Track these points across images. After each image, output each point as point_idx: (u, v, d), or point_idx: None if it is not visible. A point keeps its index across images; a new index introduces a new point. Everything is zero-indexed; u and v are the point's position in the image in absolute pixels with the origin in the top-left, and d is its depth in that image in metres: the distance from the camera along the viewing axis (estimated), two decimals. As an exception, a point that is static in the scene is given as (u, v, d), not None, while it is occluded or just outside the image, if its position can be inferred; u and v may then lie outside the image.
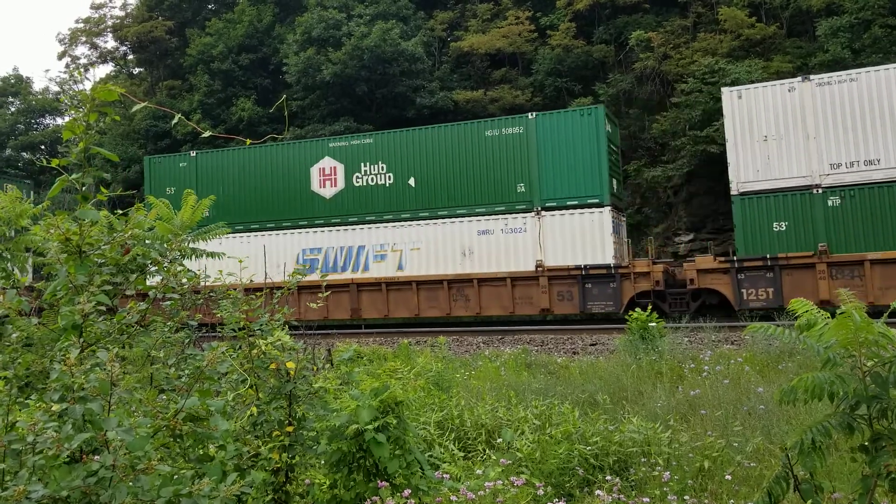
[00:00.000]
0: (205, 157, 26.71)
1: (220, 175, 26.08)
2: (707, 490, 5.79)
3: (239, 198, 25.65)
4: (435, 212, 23.36)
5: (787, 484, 4.10)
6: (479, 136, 23.16)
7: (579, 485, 5.93)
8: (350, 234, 24.34)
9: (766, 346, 12.00)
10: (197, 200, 23.94)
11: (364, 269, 24.04)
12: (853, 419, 3.96)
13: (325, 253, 24.50)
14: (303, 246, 24.72)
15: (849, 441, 4.24)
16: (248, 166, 25.83)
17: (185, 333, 4.69)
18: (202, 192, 24.72)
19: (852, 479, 5.11)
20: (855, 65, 27.64)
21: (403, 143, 24.20)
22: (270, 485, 4.41)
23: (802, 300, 4.38)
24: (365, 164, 24.43)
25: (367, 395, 5.06)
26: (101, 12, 51.48)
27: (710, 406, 8.03)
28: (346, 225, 24.33)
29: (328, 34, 36.17)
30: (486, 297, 22.22)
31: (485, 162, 22.94)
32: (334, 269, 24.21)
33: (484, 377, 10.92)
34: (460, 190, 23.17)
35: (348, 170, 24.56)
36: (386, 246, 23.79)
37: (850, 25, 28.50)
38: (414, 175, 23.82)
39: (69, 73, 56.71)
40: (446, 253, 22.98)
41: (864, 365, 3.94)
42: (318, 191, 24.97)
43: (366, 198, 24.37)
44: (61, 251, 3.95)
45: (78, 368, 3.11)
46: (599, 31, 36.40)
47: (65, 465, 3.00)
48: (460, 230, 22.88)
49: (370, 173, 24.37)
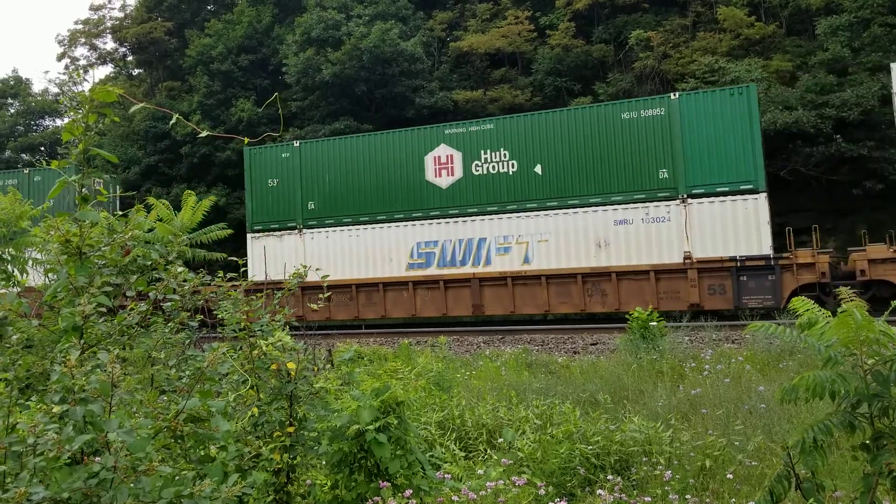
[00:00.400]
0: (308, 147, 25.43)
1: (325, 165, 24.82)
2: (709, 489, 5.78)
3: (346, 189, 24.46)
4: (564, 201, 21.77)
5: (788, 483, 4.10)
6: (614, 118, 21.60)
7: (581, 484, 5.93)
8: (470, 226, 22.88)
9: (767, 345, 12.00)
10: (302, 192, 24.28)
11: (486, 262, 22.56)
12: (854, 417, 3.96)
13: (443, 246, 23.06)
14: (417, 239, 23.38)
15: (850, 439, 4.23)
16: (356, 156, 24.57)
17: (185, 334, 4.69)
18: (305, 183, 24.55)
19: (854, 478, 5.10)
20: (855, 64, 27.68)
21: (528, 127, 22.64)
22: (272, 485, 4.41)
23: (803, 299, 4.38)
24: (485, 152, 22.92)
25: (368, 396, 5.06)
26: (101, 14, 51.46)
27: (711, 405, 8.02)
28: (465, 216, 22.91)
29: (327, 35, 36.15)
30: (626, 292, 20.69)
31: (621, 147, 21.36)
32: (452, 263, 22.88)
33: (485, 377, 10.92)
34: (593, 177, 21.62)
35: (466, 158, 23.07)
36: (510, 238, 22.29)
37: (850, 24, 28.50)
38: (541, 162, 22.25)
39: (68, 75, 56.71)
40: (578, 245, 21.49)
41: (865, 363, 3.94)
42: (434, 180, 23.51)
43: (487, 187, 22.87)
44: (61, 252, 3.95)
45: (78, 370, 3.11)
46: (599, 31, 36.41)
47: (66, 467, 3.00)
48: (594, 220, 21.38)
49: (491, 161, 22.87)
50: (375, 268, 23.69)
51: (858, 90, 26.20)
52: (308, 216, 24.60)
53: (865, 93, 25.91)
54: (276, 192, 25.01)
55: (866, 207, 27.89)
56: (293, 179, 24.90)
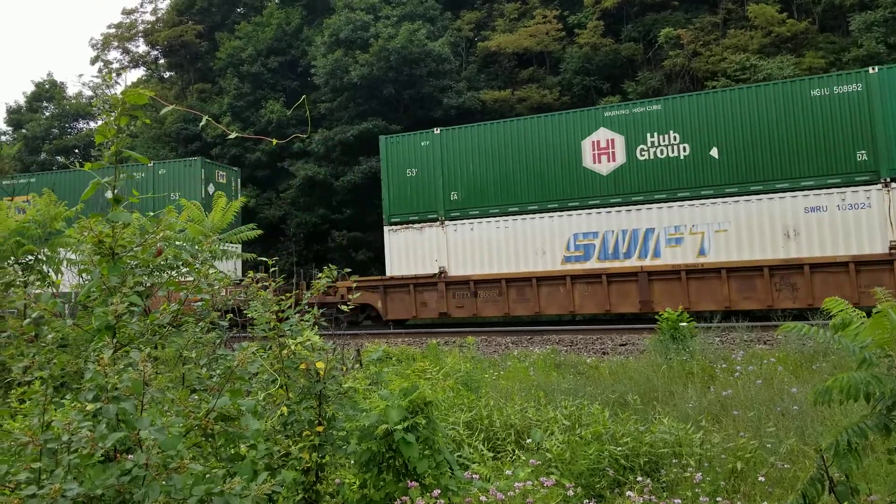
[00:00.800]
0: (450, 135, 24.01)
1: (469, 153, 23.48)
2: (740, 492, 5.72)
3: (493, 178, 23.05)
4: (746, 187, 20.12)
5: (822, 486, 4.04)
6: (801, 96, 19.94)
7: (609, 486, 5.89)
8: (634, 216, 21.21)
9: (800, 346, 11.83)
10: (443, 181, 23.51)
11: (654, 254, 20.87)
12: (890, 420, 3.89)
13: (603, 237, 21.43)
14: (574, 230, 21.79)
15: (885, 442, 4.17)
16: (504, 142, 23.11)
17: (216, 334, 4.74)
18: (447, 172, 23.46)
19: (889, 481, 5.02)
20: (890, 60, 27.21)
21: (702, 108, 20.96)
22: (301, 484, 4.44)
23: (837, 299, 4.31)
24: (651, 135, 21.24)
25: (396, 396, 5.07)
26: (133, 17, 52.24)
27: (742, 406, 7.93)
28: (629, 205, 21.26)
29: (356, 36, 36.32)
30: (821, 286, 18.90)
31: (811, 127, 19.73)
32: (615, 256, 21.25)
33: (513, 377, 10.89)
34: (779, 161, 19.96)
35: (630, 142, 21.45)
36: (682, 228, 20.60)
37: (885, 20, 28.04)
38: (717, 145, 20.57)
39: (102, 78, 57.57)
40: (763, 234, 19.85)
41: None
42: (592, 167, 21.91)
43: (653, 173, 21.18)
44: (94, 253, 4.00)
45: (111, 368, 3.15)
46: (628, 29, 36.18)
47: (99, 464, 3.05)
48: (781, 207, 19.72)
49: (658, 144, 21.14)
50: (527, 261, 22.26)
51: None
52: (451, 207, 23.43)
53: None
54: (416, 182, 23.98)
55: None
56: (434, 168, 23.77)
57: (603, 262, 21.36)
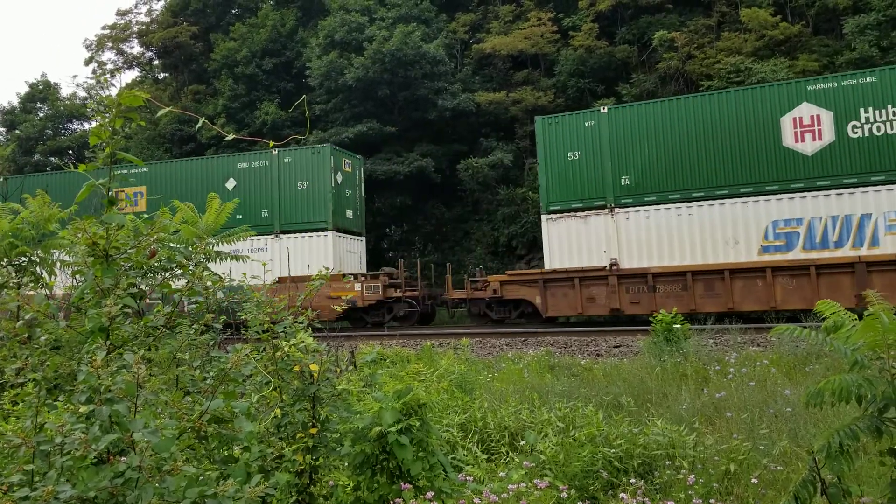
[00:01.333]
0: (620, 113, 22.26)
1: (643, 133, 21.71)
2: (733, 494, 5.73)
3: (671, 160, 21.22)
4: None
5: (813, 488, 4.06)
6: None
7: (603, 488, 5.90)
8: (847, 200, 19.31)
9: (793, 348, 11.87)
10: (612, 165, 21.81)
11: (871, 243, 19.02)
12: (882, 422, 3.91)
13: (809, 224, 19.60)
14: (773, 217, 20.01)
15: (877, 444, 4.18)
16: (684, 120, 21.28)
17: (209, 336, 4.74)
18: (616, 154, 21.88)
19: (881, 483, 5.04)
20: (884, 63, 27.32)
21: None
22: (294, 486, 4.44)
23: (829, 301, 4.33)
24: (865, 109, 19.39)
25: (390, 397, 5.08)
26: (127, 18, 52.16)
27: (735, 408, 7.95)
28: (840, 188, 19.44)
29: (351, 37, 36.32)
30: None
31: None
32: (823, 245, 19.44)
33: (507, 379, 10.90)
34: None
35: (839, 118, 19.60)
36: None
37: (878, 23, 28.16)
38: None
39: (96, 79, 57.46)
40: None
41: (892, 367, 3.89)
42: (794, 146, 20.01)
43: (870, 152, 19.29)
44: (88, 255, 4.00)
45: (105, 370, 3.15)
46: (622, 32, 36.25)
47: (92, 466, 3.04)
48: None
49: (875, 120, 19.27)
50: (715, 252, 20.44)
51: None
52: (621, 193, 21.71)
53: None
54: (578, 166, 22.29)
55: None
56: (600, 151, 22.10)
57: (809, 252, 19.61)
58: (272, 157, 26.24)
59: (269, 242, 25.62)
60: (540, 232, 24.16)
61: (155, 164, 28.78)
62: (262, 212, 25.87)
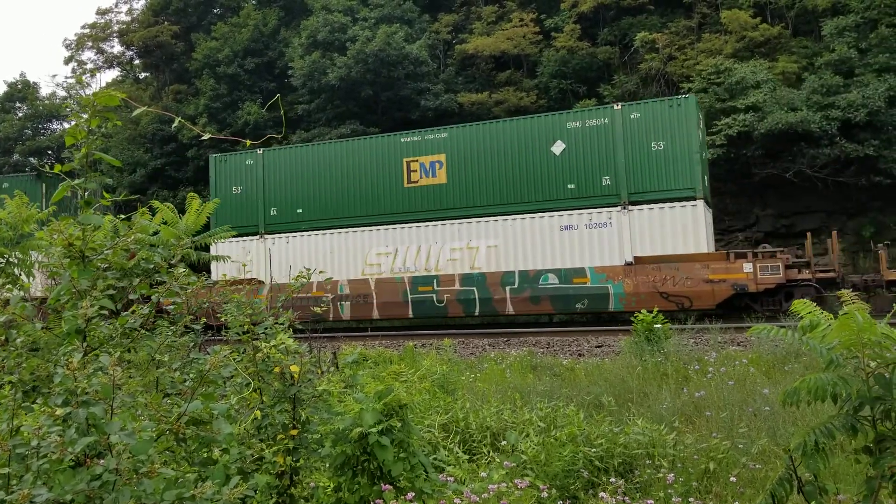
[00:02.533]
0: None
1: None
2: (712, 492, 5.78)
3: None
4: None
5: (790, 485, 4.09)
6: None
7: (584, 487, 5.92)
8: None
9: (773, 348, 11.97)
10: None
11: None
12: (857, 420, 3.95)
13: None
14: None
15: (853, 442, 4.23)
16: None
17: (189, 337, 4.71)
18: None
19: (857, 481, 5.09)
20: (862, 65, 27.61)
21: None
22: (274, 488, 4.42)
23: (805, 301, 4.37)
24: None
25: (371, 398, 5.07)
26: (108, 17, 51.76)
27: (715, 407, 8.01)
28: None
29: (333, 38, 36.25)
30: None
31: None
32: None
33: (489, 380, 10.91)
34: None
35: None
36: None
37: (857, 25, 28.44)
38: None
39: (76, 79, 56.95)
40: None
41: (867, 366, 3.93)
42: None
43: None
44: (65, 256, 3.97)
45: (81, 372, 3.13)
46: (604, 33, 36.40)
47: (69, 469, 3.02)
48: None
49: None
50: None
51: (865, 91, 26.11)
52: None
53: (872, 94, 25.81)
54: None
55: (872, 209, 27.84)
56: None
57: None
58: (614, 112, 22.07)
59: (613, 216, 21.39)
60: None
61: (456, 129, 24.72)
62: (603, 179, 21.81)
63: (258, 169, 25.52)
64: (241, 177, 25.70)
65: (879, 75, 26.81)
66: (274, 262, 24.51)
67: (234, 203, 25.42)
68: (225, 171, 26.03)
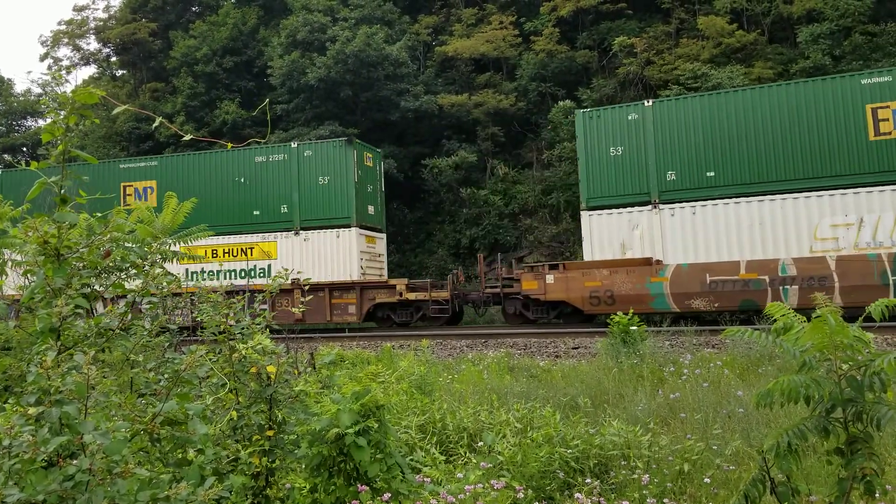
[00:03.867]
0: None
1: None
2: (686, 493, 5.82)
3: None
4: None
5: (763, 487, 4.14)
6: None
7: (560, 488, 5.95)
8: None
9: (747, 350, 12.09)
10: None
11: None
12: (829, 422, 4.00)
13: None
14: None
15: (825, 444, 4.28)
16: None
17: (165, 337, 4.68)
18: None
19: (829, 482, 5.15)
20: (836, 71, 27.96)
21: None
22: (250, 489, 4.40)
23: (779, 304, 4.42)
24: None
25: (348, 399, 5.06)
26: (84, 14, 51.24)
27: (690, 409, 8.07)
28: None
29: (313, 37, 36.11)
30: None
31: None
32: None
33: (467, 381, 10.93)
34: None
35: None
36: None
37: (831, 32, 28.81)
38: None
39: (51, 75, 56.34)
40: None
41: (839, 368, 3.98)
42: None
43: None
44: (39, 254, 3.93)
45: (55, 371, 3.10)
46: (583, 37, 36.57)
47: (41, 470, 2.98)
48: None
49: None
50: None
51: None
52: None
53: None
54: None
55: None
56: None
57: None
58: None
59: None
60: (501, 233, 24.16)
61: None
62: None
63: (646, 124, 21.33)
64: (621, 135, 21.62)
65: (853, 82, 27.12)
66: (674, 237, 20.69)
67: (610, 167, 21.57)
68: (597, 128, 21.93)
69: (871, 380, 3.87)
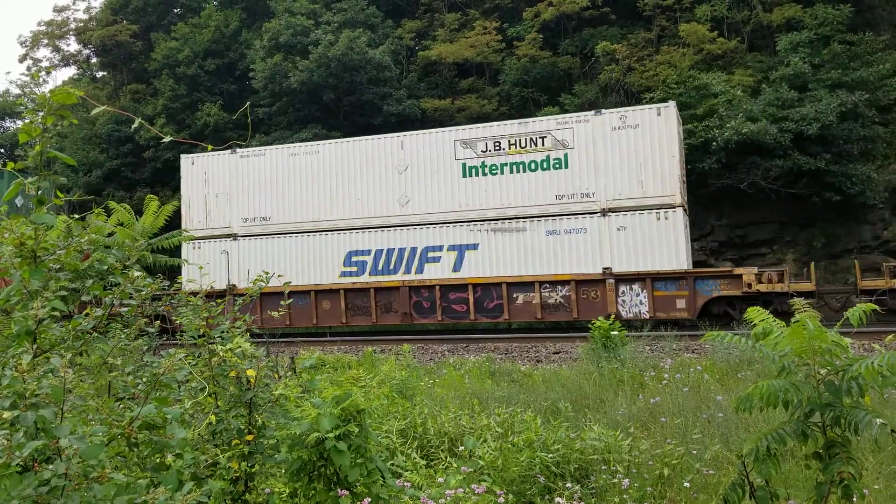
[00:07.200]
0: None
1: None
2: (666, 497, 5.85)
3: None
4: None
5: (742, 490, 4.16)
6: None
7: (540, 492, 5.95)
8: None
9: (726, 355, 12.16)
10: None
11: None
12: (807, 426, 4.03)
13: None
14: None
15: (803, 448, 4.31)
16: None
17: (143, 341, 4.63)
18: None
19: (807, 486, 5.19)
20: (815, 80, 28.25)
21: None
22: (229, 494, 4.36)
23: (759, 309, 4.45)
24: None
25: (328, 403, 5.03)
26: (64, 15, 50.70)
27: (670, 414, 8.11)
28: None
29: (296, 41, 36.00)
30: None
31: None
32: None
33: (448, 385, 10.92)
34: None
35: None
36: None
37: (810, 41, 29.09)
38: None
39: (31, 76, 55.71)
40: None
41: (817, 373, 4.02)
42: None
43: None
44: (15, 255, 3.88)
45: (30, 375, 3.06)
46: (565, 43, 36.72)
47: (16, 474, 2.94)
48: None
49: None
50: None
51: (818, 106, 26.68)
52: None
53: (825, 108, 26.39)
54: None
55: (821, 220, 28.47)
56: None
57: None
58: None
59: None
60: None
61: None
62: None
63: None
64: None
65: (832, 91, 27.42)
66: None
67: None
68: None
69: (848, 384, 3.91)
